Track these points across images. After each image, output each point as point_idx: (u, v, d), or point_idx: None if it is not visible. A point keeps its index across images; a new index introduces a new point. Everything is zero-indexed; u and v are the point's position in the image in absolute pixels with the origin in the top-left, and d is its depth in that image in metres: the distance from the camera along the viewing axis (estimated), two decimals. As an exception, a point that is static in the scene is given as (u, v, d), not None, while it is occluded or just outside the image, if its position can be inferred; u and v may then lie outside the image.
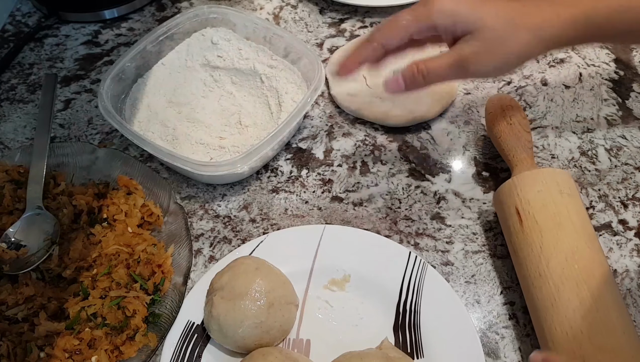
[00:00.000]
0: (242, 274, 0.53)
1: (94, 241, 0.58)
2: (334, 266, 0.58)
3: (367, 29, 0.84)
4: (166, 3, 0.90)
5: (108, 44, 0.84)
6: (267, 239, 0.60)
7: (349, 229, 0.61)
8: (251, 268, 0.54)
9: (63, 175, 0.64)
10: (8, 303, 0.54)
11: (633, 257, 0.60)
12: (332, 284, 0.58)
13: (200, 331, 0.55)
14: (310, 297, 0.57)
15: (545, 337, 0.50)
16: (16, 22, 0.88)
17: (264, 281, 0.53)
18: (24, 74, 0.80)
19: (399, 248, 0.58)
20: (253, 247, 0.59)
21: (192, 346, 0.54)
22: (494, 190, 0.66)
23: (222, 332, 0.52)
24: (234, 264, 0.55)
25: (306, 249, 0.59)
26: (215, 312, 0.52)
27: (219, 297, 0.52)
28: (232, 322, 0.51)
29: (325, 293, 0.57)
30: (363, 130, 0.72)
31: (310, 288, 0.58)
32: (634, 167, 0.68)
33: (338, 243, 0.59)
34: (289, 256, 0.59)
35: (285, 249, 0.59)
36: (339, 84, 0.74)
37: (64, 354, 0.51)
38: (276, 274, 0.55)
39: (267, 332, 0.52)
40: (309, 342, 0.55)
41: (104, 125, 0.73)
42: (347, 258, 0.58)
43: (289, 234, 0.61)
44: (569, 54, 0.80)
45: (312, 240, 0.60)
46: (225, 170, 0.60)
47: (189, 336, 0.54)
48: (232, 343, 0.53)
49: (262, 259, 0.56)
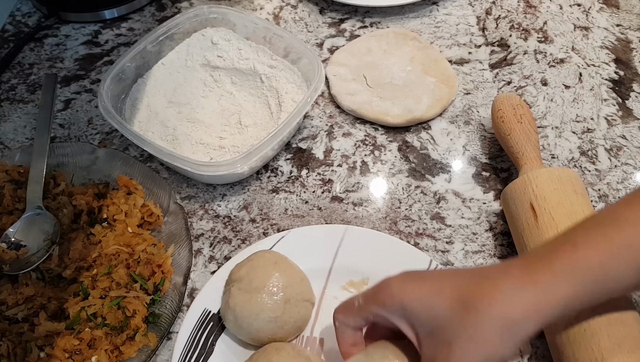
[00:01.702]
0: (261, 268, 0.54)
1: (94, 241, 0.58)
2: (354, 268, 0.58)
3: (367, 29, 0.84)
4: (166, 3, 0.90)
5: (108, 44, 0.84)
6: (289, 235, 0.60)
7: (371, 231, 0.60)
8: (270, 262, 0.54)
9: (63, 175, 0.64)
10: (8, 303, 0.54)
11: (633, 257, 0.60)
12: (350, 286, 0.58)
13: (216, 320, 0.55)
14: (327, 297, 0.57)
15: (560, 334, 0.50)
16: (16, 22, 0.88)
17: (282, 276, 0.53)
18: (24, 74, 0.80)
19: (420, 254, 0.58)
20: (274, 242, 0.59)
21: (207, 334, 0.54)
22: (494, 190, 0.66)
23: (237, 323, 0.52)
24: (253, 256, 0.55)
25: (327, 248, 0.59)
26: (232, 303, 0.52)
27: (237, 288, 0.53)
28: (248, 314, 0.52)
29: (343, 294, 0.57)
30: (363, 130, 0.72)
31: (328, 287, 0.58)
32: (634, 167, 0.68)
33: (359, 245, 0.59)
34: (309, 254, 0.58)
35: (306, 246, 0.59)
36: (339, 84, 0.74)
37: (64, 354, 0.51)
38: (295, 270, 0.55)
39: (282, 327, 0.52)
40: (322, 341, 0.55)
41: (104, 125, 0.73)
42: (367, 261, 0.58)
43: (310, 232, 0.60)
44: (568, 54, 0.80)
45: (333, 240, 0.59)
46: (225, 170, 0.60)
47: (205, 324, 0.55)
48: (246, 335, 0.53)
49: (281, 254, 0.56)
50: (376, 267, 0.58)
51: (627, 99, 0.74)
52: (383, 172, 0.68)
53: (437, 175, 0.68)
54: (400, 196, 0.66)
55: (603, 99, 0.75)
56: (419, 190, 0.66)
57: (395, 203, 0.65)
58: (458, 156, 0.69)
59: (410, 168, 0.68)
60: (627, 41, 0.82)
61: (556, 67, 0.78)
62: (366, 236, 0.60)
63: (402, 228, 0.63)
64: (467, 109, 0.74)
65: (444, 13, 0.86)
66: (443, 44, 0.82)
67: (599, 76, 0.77)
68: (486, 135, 0.71)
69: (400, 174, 0.68)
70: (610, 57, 0.79)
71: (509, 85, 0.77)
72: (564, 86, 0.76)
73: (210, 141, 0.68)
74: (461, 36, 0.83)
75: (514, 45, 0.82)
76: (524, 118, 0.64)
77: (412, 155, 0.70)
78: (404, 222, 0.64)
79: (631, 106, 0.74)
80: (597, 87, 0.76)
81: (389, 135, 0.71)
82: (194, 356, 0.53)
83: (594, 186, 0.66)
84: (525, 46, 0.81)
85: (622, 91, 0.75)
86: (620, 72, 0.78)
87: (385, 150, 0.70)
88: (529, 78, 0.77)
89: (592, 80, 0.77)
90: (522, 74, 0.78)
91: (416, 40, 0.79)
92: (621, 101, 0.74)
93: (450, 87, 0.73)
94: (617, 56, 0.79)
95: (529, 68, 0.78)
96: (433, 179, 0.67)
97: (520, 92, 0.76)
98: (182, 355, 0.52)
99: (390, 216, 0.64)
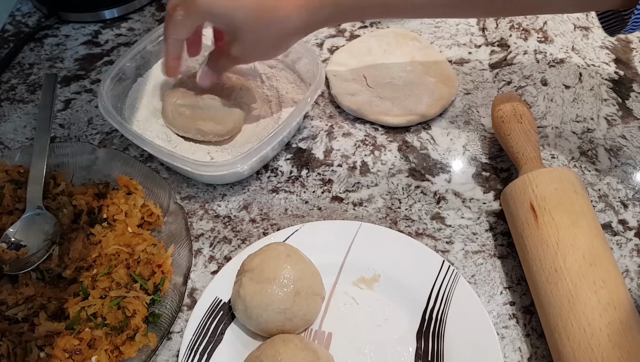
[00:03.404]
0: (273, 259, 0.54)
1: (94, 241, 0.58)
2: (365, 264, 0.58)
3: (367, 28, 0.84)
4: (166, 3, 0.90)
5: (108, 44, 0.84)
6: (302, 229, 0.60)
7: (385, 229, 0.60)
8: (283, 254, 0.54)
9: (63, 175, 0.64)
10: (8, 303, 0.54)
11: (633, 257, 0.60)
12: (360, 282, 0.58)
13: (227, 309, 0.55)
14: (338, 292, 0.57)
15: (559, 333, 0.50)
16: (16, 22, 0.88)
17: (293, 269, 0.53)
18: (24, 74, 0.80)
19: (433, 255, 0.58)
20: (287, 235, 0.59)
21: (216, 322, 0.54)
22: (494, 190, 0.66)
23: (247, 313, 0.53)
24: (266, 248, 0.56)
25: (339, 244, 0.59)
26: (242, 293, 0.53)
27: (248, 278, 0.53)
28: (258, 304, 0.52)
29: (353, 290, 0.57)
30: (363, 130, 0.72)
31: (339, 283, 0.58)
32: (634, 167, 0.68)
33: (372, 242, 0.59)
34: (321, 248, 0.59)
35: (319, 241, 0.59)
36: (339, 84, 0.74)
37: (64, 354, 0.51)
38: (306, 264, 0.55)
39: (290, 320, 0.53)
40: (330, 336, 0.55)
41: (104, 125, 0.73)
42: (379, 258, 0.58)
43: (324, 227, 0.61)
44: (569, 54, 0.80)
45: (346, 235, 0.60)
46: (225, 170, 0.60)
47: (215, 312, 0.55)
48: (255, 325, 0.53)
49: (294, 247, 0.56)
50: (388, 264, 0.58)
51: (627, 99, 0.74)
52: (383, 172, 0.68)
53: (437, 175, 0.68)
54: (400, 195, 0.66)
55: (603, 99, 0.75)
56: (419, 190, 0.66)
57: (395, 203, 0.65)
58: (458, 156, 0.69)
59: (410, 168, 0.68)
60: (627, 41, 0.82)
61: (556, 67, 0.78)
62: (379, 234, 0.60)
63: (402, 228, 0.63)
64: (467, 109, 0.74)
65: (444, 13, 0.86)
66: (443, 44, 0.82)
67: (599, 76, 0.77)
68: (486, 135, 0.71)
69: (400, 174, 0.68)
70: (610, 57, 0.79)
71: (509, 85, 0.77)
72: (564, 86, 0.76)
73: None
74: (461, 36, 0.83)
75: (514, 45, 0.82)
76: (524, 118, 0.64)
77: (412, 155, 0.70)
78: (404, 222, 0.64)
79: (631, 106, 0.74)
80: (597, 87, 0.76)
81: (389, 135, 0.71)
82: (202, 343, 0.53)
83: (594, 186, 0.66)
84: (525, 46, 0.81)
85: (622, 91, 0.75)
86: (620, 72, 0.78)
87: (385, 150, 0.70)
88: (529, 78, 0.77)
89: (592, 80, 0.77)
90: (522, 74, 0.78)
91: (416, 40, 0.79)
92: (621, 101, 0.74)
93: (450, 87, 0.73)
94: (617, 56, 0.79)
95: (529, 68, 0.78)
96: (433, 179, 0.67)
97: (520, 92, 0.76)
98: (191, 341, 0.53)
99: (390, 216, 0.64)
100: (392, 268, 0.58)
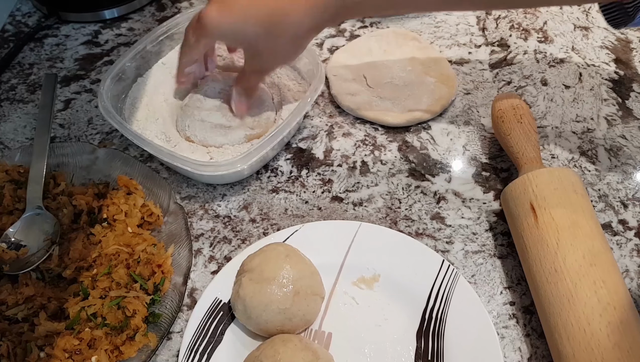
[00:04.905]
0: (272, 259, 0.54)
1: (94, 241, 0.58)
2: (365, 264, 0.58)
3: (367, 28, 0.84)
4: (166, 3, 0.90)
5: (108, 44, 0.84)
6: (302, 229, 0.60)
7: (385, 229, 0.60)
8: (282, 254, 0.55)
9: (63, 175, 0.64)
10: (8, 303, 0.54)
11: (633, 257, 0.60)
12: (360, 282, 0.58)
13: (226, 309, 0.55)
14: (337, 292, 0.57)
15: (559, 333, 0.50)
16: (16, 22, 0.88)
17: (293, 269, 0.54)
18: (24, 74, 0.80)
19: (433, 255, 0.58)
20: (287, 235, 0.59)
21: (216, 322, 0.55)
22: (494, 190, 0.66)
23: (247, 313, 0.53)
24: (266, 248, 0.56)
25: (339, 244, 0.59)
26: (242, 293, 0.53)
27: (248, 279, 0.53)
28: (257, 304, 0.52)
29: (353, 289, 0.58)
30: (363, 130, 0.72)
31: (339, 283, 0.58)
32: (634, 167, 0.68)
33: (372, 242, 0.59)
34: (321, 248, 0.59)
35: (319, 241, 0.59)
36: (339, 84, 0.74)
37: (64, 354, 0.51)
38: (306, 264, 0.55)
39: (290, 320, 0.53)
40: (330, 336, 0.55)
41: (104, 125, 0.73)
42: (379, 258, 0.58)
43: (324, 227, 0.61)
44: (569, 54, 0.80)
45: (346, 235, 0.60)
46: (225, 170, 0.60)
47: (215, 312, 0.55)
48: (254, 325, 0.53)
49: (294, 248, 0.56)
50: (388, 264, 0.58)
51: (627, 99, 0.74)
52: (383, 172, 0.68)
53: (437, 175, 0.68)
54: (400, 195, 0.66)
55: (603, 99, 0.75)
56: (419, 190, 0.66)
57: (395, 203, 0.65)
58: (458, 156, 0.69)
59: (410, 168, 0.68)
60: (627, 41, 0.82)
61: (556, 67, 0.78)
62: (379, 233, 0.60)
63: (402, 228, 0.63)
64: (467, 109, 0.74)
65: (444, 13, 0.86)
66: (443, 44, 0.82)
67: (599, 76, 0.77)
68: (486, 135, 0.71)
69: (400, 174, 0.68)
70: (610, 57, 0.79)
71: (509, 85, 0.77)
72: (564, 86, 0.76)
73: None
74: (461, 36, 0.83)
75: (514, 45, 0.82)
76: (524, 118, 0.64)
77: (412, 155, 0.70)
78: (404, 222, 0.64)
79: (631, 106, 0.74)
80: (597, 87, 0.76)
81: (389, 135, 0.71)
82: (202, 344, 0.53)
83: (594, 186, 0.66)
84: (525, 46, 0.81)
85: (622, 91, 0.75)
86: (620, 72, 0.78)
87: (385, 150, 0.70)
88: (529, 78, 0.77)
89: (592, 80, 0.77)
90: (522, 74, 0.78)
91: (416, 40, 0.79)
92: (621, 101, 0.74)
93: (450, 87, 0.73)
94: (617, 56, 0.79)
95: (529, 68, 0.78)
96: (433, 179, 0.67)
97: (520, 92, 0.76)
98: (191, 341, 0.53)
99: (390, 216, 0.64)
100: (392, 268, 0.58)
